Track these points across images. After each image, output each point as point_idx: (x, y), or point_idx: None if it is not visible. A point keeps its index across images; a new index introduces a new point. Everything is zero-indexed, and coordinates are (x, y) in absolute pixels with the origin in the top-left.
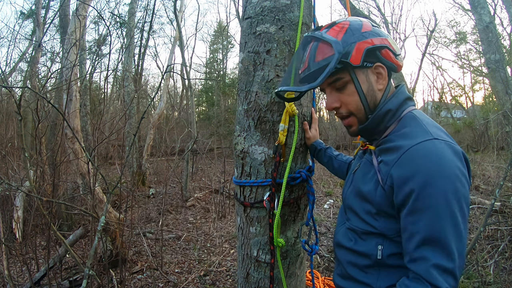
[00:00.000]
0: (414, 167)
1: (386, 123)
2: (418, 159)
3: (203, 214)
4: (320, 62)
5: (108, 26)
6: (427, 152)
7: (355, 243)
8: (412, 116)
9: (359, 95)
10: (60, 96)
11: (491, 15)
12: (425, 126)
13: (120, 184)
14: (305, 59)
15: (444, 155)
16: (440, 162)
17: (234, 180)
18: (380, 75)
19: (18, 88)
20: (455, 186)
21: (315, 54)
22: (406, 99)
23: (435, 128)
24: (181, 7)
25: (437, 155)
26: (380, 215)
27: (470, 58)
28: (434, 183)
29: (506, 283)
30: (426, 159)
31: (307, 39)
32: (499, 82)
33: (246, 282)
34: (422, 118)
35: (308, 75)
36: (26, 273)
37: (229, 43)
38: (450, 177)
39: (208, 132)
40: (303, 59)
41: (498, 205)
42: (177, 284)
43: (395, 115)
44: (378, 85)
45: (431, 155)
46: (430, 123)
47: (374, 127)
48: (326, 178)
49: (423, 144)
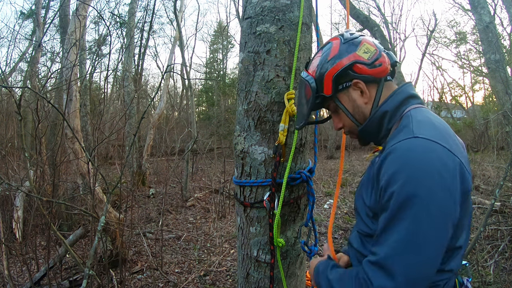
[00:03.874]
0: (387, 166)
1: (386, 125)
2: (390, 158)
3: (203, 214)
4: (307, 101)
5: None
6: (399, 152)
7: (361, 245)
8: (407, 115)
9: (347, 116)
10: (60, 96)
11: (491, 15)
12: (412, 124)
13: (120, 184)
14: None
15: (414, 154)
16: (406, 162)
17: (234, 180)
18: (361, 90)
19: (18, 88)
20: (412, 189)
21: (303, 93)
22: (407, 98)
23: (427, 126)
24: (181, 7)
25: (406, 154)
26: (376, 218)
27: (470, 58)
28: (396, 183)
29: (506, 283)
30: (396, 158)
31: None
32: (499, 82)
33: (246, 282)
34: (415, 115)
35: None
36: (26, 273)
37: (229, 43)
38: (410, 179)
39: (208, 132)
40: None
41: (498, 205)
42: (177, 284)
43: (395, 115)
44: (363, 99)
45: (401, 154)
46: (423, 120)
47: (375, 130)
48: (326, 178)
49: (401, 143)
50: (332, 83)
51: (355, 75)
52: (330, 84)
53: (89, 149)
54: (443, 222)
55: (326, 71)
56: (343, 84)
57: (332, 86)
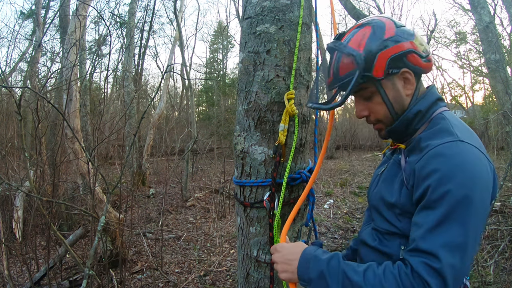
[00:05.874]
0: (434, 166)
1: (415, 125)
2: (439, 158)
3: (203, 214)
4: (343, 76)
5: (108, 26)
6: (450, 153)
7: (379, 242)
8: (441, 117)
9: (386, 104)
10: (60, 96)
11: (491, 15)
12: (452, 127)
13: (120, 184)
14: (330, 70)
15: (466, 158)
16: (460, 164)
17: (234, 180)
18: (407, 80)
19: (18, 88)
20: (469, 191)
21: (338, 67)
22: (437, 100)
23: (464, 131)
24: (181, 7)
25: (459, 157)
26: (404, 216)
27: (470, 58)
28: (450, 183)
29: (506, 283)
30: (447, 159)
31: (331, 49)
32: (499, 82)
33: (246, 282)
34: (451, 119)
35: (333, 87)
36: (26, 273)
37: (229, 43)
38: (466, 181)
39: (208, 132)
40: (328, 70)
41: (498, 205)
42: (177, 284)
43: (425, 116)
44: (406, 91)
45: (453, 156)
46: (459, 125)
47: (403, 129)
48: (326, 178)
49: (447, 144)
50: (385, 65)
51: (408, 63)
52: (384, 65)
53: (89, 149)
54: (483, 224)
55: (382, 49)
56: (393, 69)
57: (385, 68)
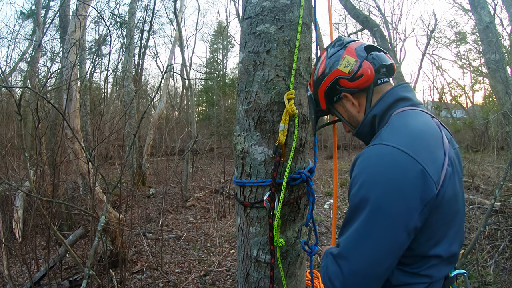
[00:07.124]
0: (353, 169)
1: (377, 128)
2: (358, 162)
3: (203, 214)
4: (312, 112)
5: (108, 26)
6: (365, 156)
7: None
8: (389, 120)
9: (345, 123)
10: (60, 96)
11: (491, 15)
12: (385, 131)
13: (120, 184)
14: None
15: (372, 161)
16: (366, 167)
17: (234, 180)
18: (350, 101)
19: (18, 88)
20: (367, 193)
21: (310, 105)
22: (396, 101)
23: (398, 133)
24: (181, 7)
25: (367, 160)
26: None
27: (470, 58)
28: (355, 186)
29: (506, 283)
30: (359, 162)
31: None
32: (499, 82)
33: (246, 282)
34: (394, 121)
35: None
36: (26, 273)
37: (229, 43)
38: (366, 183)
39: (208, 132)
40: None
41: (498, 205)
42: (177, 284)
43: (384, 118)
44: (355, 109)
45: (364, 159)
46: (397, 126)
47: (367, 133)
48: (326, 178)
49: (368, 148)
50: (324, 98)
51: (341, 89)
52: (324, 99)
53: (89, 149)
54: (391, 225)
55: (318, 87)
56: (335, 97)
57: (325, 100)
